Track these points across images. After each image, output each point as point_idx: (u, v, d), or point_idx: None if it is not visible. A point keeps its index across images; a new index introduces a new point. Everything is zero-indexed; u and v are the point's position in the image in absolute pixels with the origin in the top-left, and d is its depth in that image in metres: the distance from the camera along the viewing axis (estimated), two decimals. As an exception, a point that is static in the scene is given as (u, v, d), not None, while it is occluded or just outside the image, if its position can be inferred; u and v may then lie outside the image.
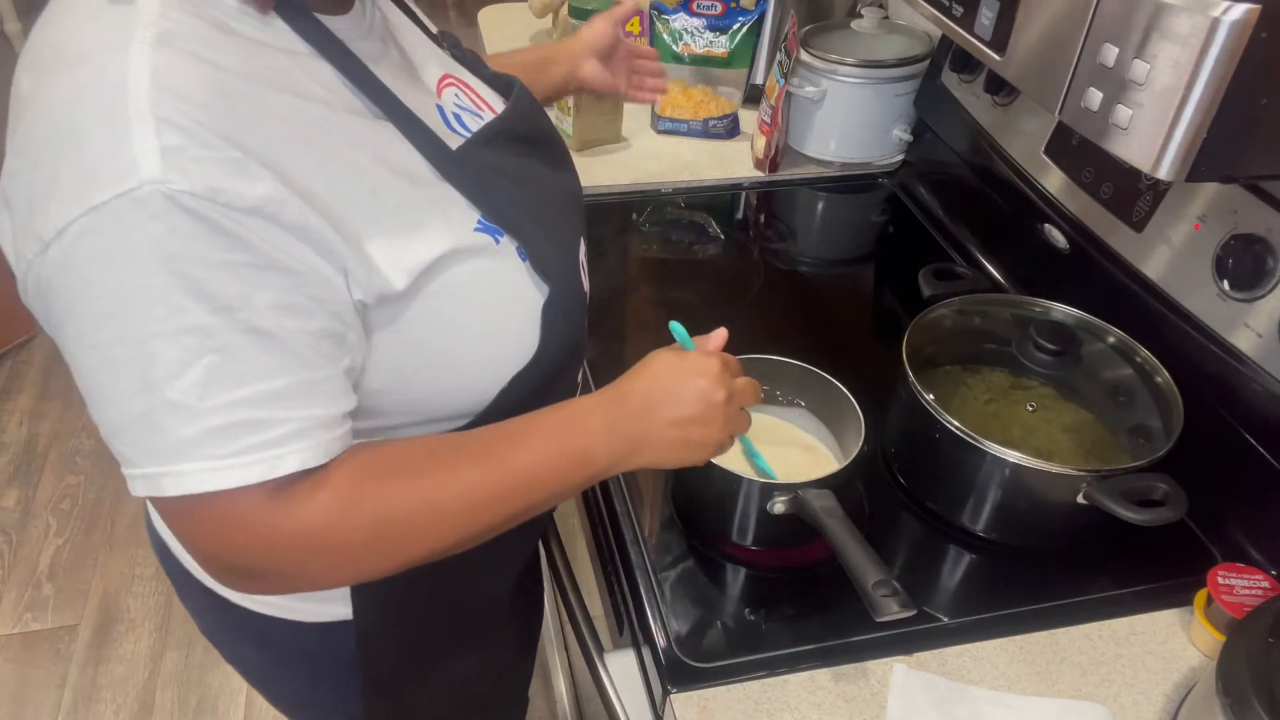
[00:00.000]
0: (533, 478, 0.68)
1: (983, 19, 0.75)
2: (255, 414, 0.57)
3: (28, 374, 2.59)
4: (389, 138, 0.67)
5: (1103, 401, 0.96)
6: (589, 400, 0.72)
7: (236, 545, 0.61)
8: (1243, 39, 0.55)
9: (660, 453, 0.73)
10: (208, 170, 0.54)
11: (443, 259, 0.66)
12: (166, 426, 0.56)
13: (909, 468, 0.97)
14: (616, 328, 1.15)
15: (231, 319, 0.55)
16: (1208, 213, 0.93)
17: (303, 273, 0.58)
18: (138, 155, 0.52)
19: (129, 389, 0.56)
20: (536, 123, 0.84)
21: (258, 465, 0.58)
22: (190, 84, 0.55)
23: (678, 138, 1.57)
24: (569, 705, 1.56)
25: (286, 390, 0.58)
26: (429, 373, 0.70)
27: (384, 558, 0.66)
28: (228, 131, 0.55)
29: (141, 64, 0.54)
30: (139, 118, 0.53)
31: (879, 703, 0.77)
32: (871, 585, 0.74)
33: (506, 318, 0.73)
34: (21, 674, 1.91)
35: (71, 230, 0.53)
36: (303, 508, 0.61)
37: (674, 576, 0.87)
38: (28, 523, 2.21)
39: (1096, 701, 0.78)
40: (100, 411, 0.58)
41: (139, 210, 0.52)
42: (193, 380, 0.55)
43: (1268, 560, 0.87)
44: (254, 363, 0.57)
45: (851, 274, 1.39)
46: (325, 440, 0.61)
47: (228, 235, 0.54)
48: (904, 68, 1.40)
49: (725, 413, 0.73)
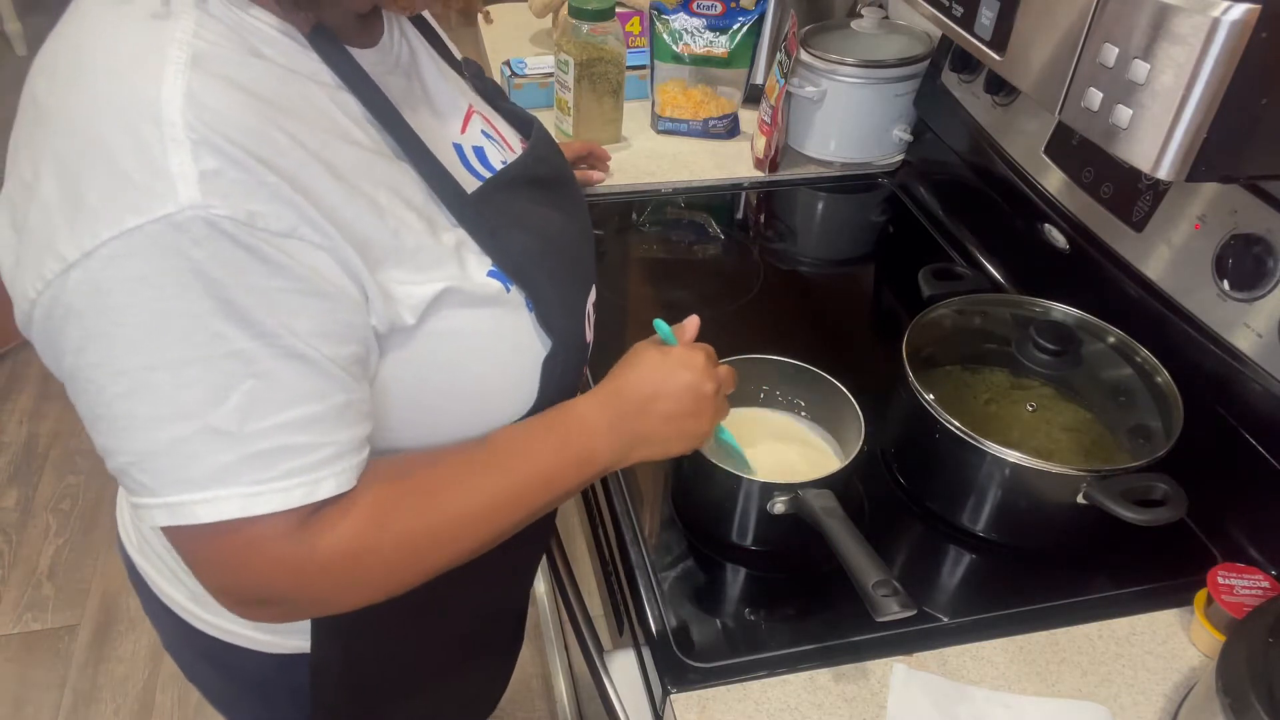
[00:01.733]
0: (541, 480, 0.70)
1: (983, 19, 0.75)
2: (295, 439, 0.57)
3: (28, 374, 2.59)
4: (408, 179, 0.66)
5: (1103, 401, 0.96)
6: (588, 401, 0.74)
7: (266, 575, 0.60)
8: (1243, 39, 0.55)
9: (657, 447, 0.75)
10: (246, 195, 0.53)
11: (447, 294, 0.65)
12: (203, 453, 0.55)
13: (909, 468, 0.97)
14: (616, 328, 1.15)
15: (273, 345, 0.55)
16: (1208, 213, 0.93)
17: (336, 297, 0.58)
18: (175, 179, 0.51)
19: (162, 416, 0.55)
20: (553, 165, 0.83)
21: (298, 490, 0.58)
22: (225, 107, 0.54)
23: (678, 138, 1.57)
24: (569, 705, 1.56)
25: (325, 415, 0.58)
26: (422, 412, 0.70)
27: (409, 574, 0.66)
28: (262, 154, 0.54)
29: (176, 85, 0.53)
30: (174, 140, 0.52)
31: (879, 703, 0.77)
32: (872, 585, 0.74)
33: (506, 367, 0.73)
34: (21, 674, 1.91)
35: (102, 253, 0.52)
36: (334, 533, 0.61)
37: (674, 576, 0.87)
38: (28, 523, 2.21)
39: (1096, 701, 0.78)
40: (120, 441, 0.56)
41: (179, 235, 0.51)
42: (234, 406, 0.55)
43: (1268, 560, 0.87)
44: (293, 388, 0.57)
45: (851, 274, 1.39)
46: (356, 463, 0.61)
47: (268, 261, 0.54)
48: (904, 68, 1.40)
49: (714, 403, 0.76)
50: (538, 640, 1.89)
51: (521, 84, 1.59)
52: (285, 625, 0.79)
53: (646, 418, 0.73)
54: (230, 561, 0.60)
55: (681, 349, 0.76)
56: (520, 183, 0.76)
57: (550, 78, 1.55)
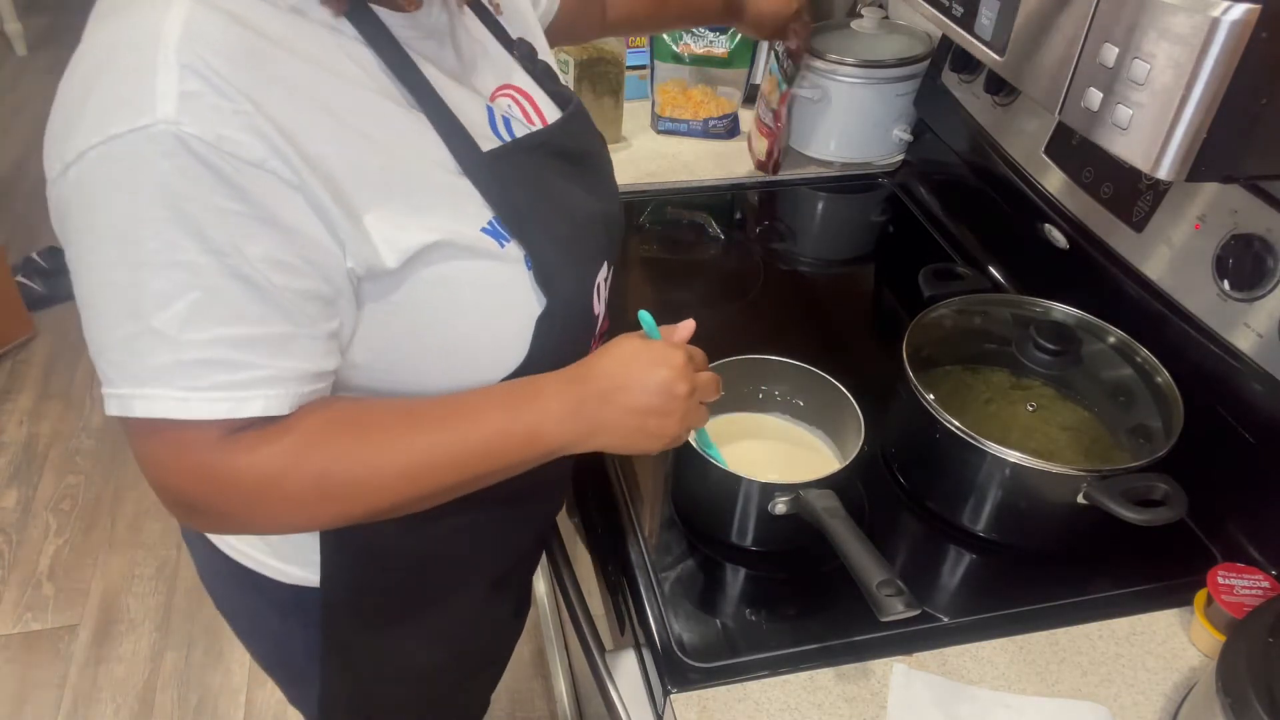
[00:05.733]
0: (480, 451, 0.70)
1: (983, 19, 0.75)
2: (229, 355, 0.60)
3: (28, 374, 2.59)
4: (418, 127, 0.68)
5: (1103, 401, 0.96)
6: (551, 379, 0.72)
7: (187, 478, 0.64)
8: (1243, 39, 0.55)
9: (615, 438, 0.73)
10: (221, 119, 0.56)
11: (438, 246, 0.67)
12: (145, 352, 0.59)
13: (909, 468, 0.97)
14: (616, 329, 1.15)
15: (221, 262, 0.58)
16: (1208, 213, 0.93)
17: (297, 231, 0.61)
18: (158, 95, 0.55)
19: (118, 312, 0.59)
20: (583, 142, 0.83)
21: (224, 403, 0.61)
22: (220, 38, 0.58)
23: (678, 138, 1.57)
24: (569, 705, 1.56)
25: (264, 339, 0.61)
26: (412, 359, 0.71)
27: (319, 511, 0.68)
28: (246, 87, 0.58)
29: (178, 15, 0.57)
30: (165, 62, 0.56)
31: (879, 703, 0.77)
32: (876, 585, 0.74)
33: (496, 322, 0.73)
34: (21, 674, 1.91)
35: (89, 156, 0.56)
36: (252, 454, 0.63)
37: (674, 576, 0.87)
38: (28, 523, 2.21)
39: (1096, 701, 0.78)
40: (90, 330, 0.61)
41: (151, 146, 0.55)
42: (175, 313, 0.58)
43: (1268, 560, 0.87)
44: (236, 307, 0.59)
45: (851, 274, 1.39)
46: (294, 393, 0.63)
47: (229, 184, 0.57)
48: (904, 68, 1.40)
49: (685, 405, 0.73)
50: (538, 640, 1.89)
51: (521, 84, 1.59)
52: (299, 556, 0.82)
53: (609, 407, 0.71)
54: (160, 459, 0.64)
55: (664, 344, 0.73)
56: (545, 151, 0.77)
57: (550, 78, 1.55)
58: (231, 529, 0.75)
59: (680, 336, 0.77)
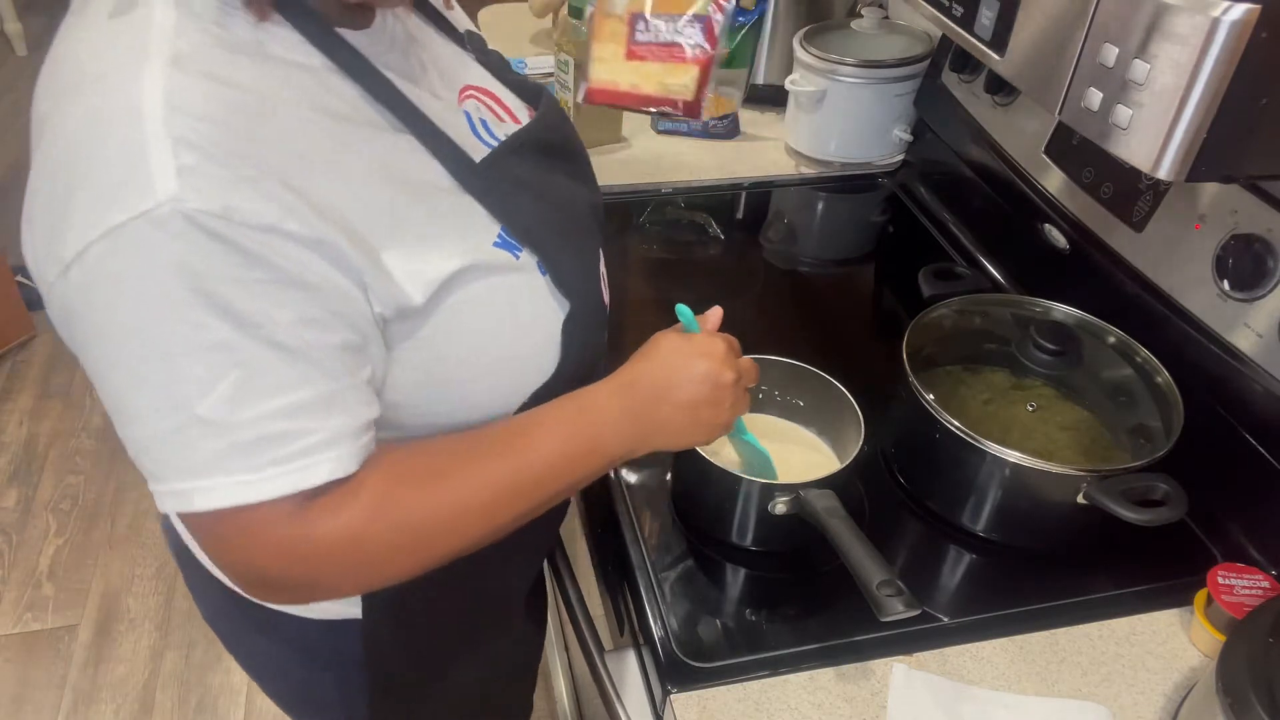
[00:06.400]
0: (550, 470, 0.69)
1: (983, 19, 0.75)
2: (282, 426, 0.58)
3: (28, 374, 2.59)
4: (409, 149, 0.66)
5: (1103, 401, 0.96)
6: (601, 389, 0.73)
7: (266, 558, 0.62)
8: (1243, 39, 0.55)
9: (672, 436, 0.74)
10: (225, 188, 0.54)
11: (461, 273, 0.66)
12: (195, 442, 0.57)
13: (909, 468, 0.97)
14: (616, 329, 1.15)
15: (255, 335, 0.56)
16: (1208, 213, 0.93)
17: (321, 287, 0.58)
18: (154, 175, 0.52)
19: (157, 406, 0.56)
20: (562, 133, 0.83)
21: (287, 477, 0.58)
22: (204, 103, 0.55)
23: (678, 138, 1.57)
24: (569, 705, 1.56)
25: (311, 402, 0.59)
26: (448, 387, 0.70)
27: (411, 561, 0.66)
28: (243, 149, 0.55)
29: (156, 85, 0.54)
30: (155, 138, 0.53)
31: (879, 703, 0.77)
32: (876, 585, 0.74)
33: (526, 334, 0.72)
34: (21, 674, 1.91)
35: (92, 252, 0.53)
36: (331, 518, 0.61)
37: (674, 576, 0.87)
38: (28, 523, 2.21)
39: (1096, 701, 0.78)
40: (128, 429, 0.59)
41: (158, 230, 0.53)
42: (219, 396, 0.56)
43: (1268, 560, 0.87)
44: (279, 377, 0.57)
45: (851, 274, 1.39)
46: (352, 449, 0.61)
47: (246, 253, 0.55)
48: (904, 68, 1.40)
49: (734, 393, 0.74)
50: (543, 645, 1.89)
51: (521, 84, 1.59)
52: None
53: (663, 405, 0.72)
54: (233, 546, 0.61)
55: (703, 336, 0.75)
56: (529, 148, 0.76)
57: (550, 78, 1.55)
58: (320, 597, 0.72)
59: (713, 323, 0.79)
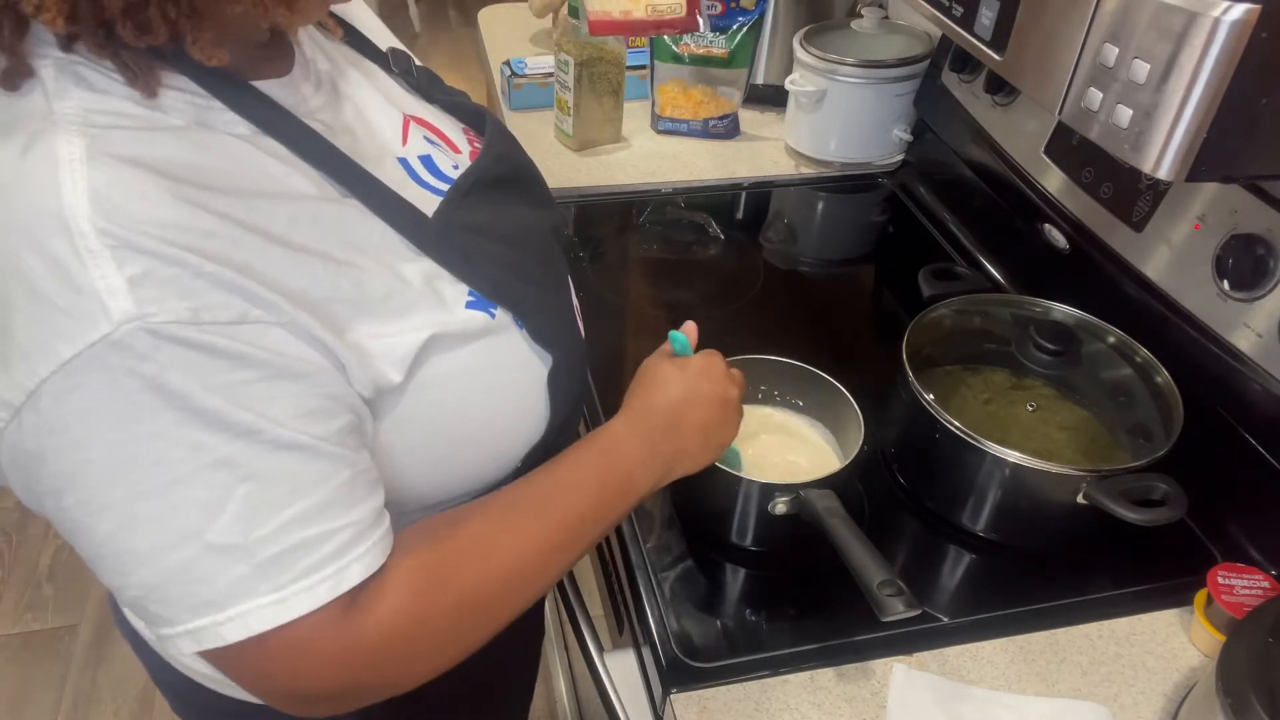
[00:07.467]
0: (589, 519, 0.67)
1: (983, 19, 0.75)
2: (307, 532, 0.53)
3: (28, 374, 2.59)
4: (360, 218, 0.61)
5: (1103, 401, 0.96)
6: (617, 427, 0.71)
7: (325, 673, 0.56)
8: (1243, 39, 0.55)
9: (692, 461, 0.74)
10: (184, 290, 0.48)
11: (435, 342, 0.61)
12: (212, 573, 0.51)
13: (909, 468, 0.97)
14: (616, 329, 1.15)
15: (256, 441, 0.51)
16: (1208, 213, 0.93)
17: (310, 373, 0.54)
18: (102, 294, 0.46)
19: (160, 545, 0.51)
20: (514, 161, 0.78)
21: (324, 584, 0.54)
22: (136, 199, 0.48)
23: (678, 138, 1.57)
24: (569, 705, 1.56)
25: (332, 498, 0.54)
26: (440, 459, 0.66)
27: (469, 638, 0.62)
28: (190, 243, 0.49)
29: (77, 188, 0.47)
30: (90, 252, 0.46)
31: (879, 703, 0.77)
32: (876, 585, 0.74)
33: (513, 395, 0.69)
34: (21, 674, 1.91)
35: (46, 391, 0.47)
36: (377, 614, 0.56)
37: (674, 576, 0.87)
38: (28, 523, 2.21)
39: (1096, 701, 0.78)
40: (125, 577, 0.52)
41: (123, 354, 0.47)
42: (231, 517, 0.51)
43: (1268, 560, 0.87)
44: (291, 481, 0.52)
45: (851, 274, 1.39)
46: (379, 538, 0.57)
47: (226, 355, 0.49)
48: (904, 68, 1.40)
49: (738, 409, 0.75)
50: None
51: (521, 84, 1.59)
52: None
53: (679, 433, 0.71)
54: (277, 670, 0.56)
55: (699, 358, 0.74)
56: (481, 186, 0.71)
57: (550, 78, 1.55)
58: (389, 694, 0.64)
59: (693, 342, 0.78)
